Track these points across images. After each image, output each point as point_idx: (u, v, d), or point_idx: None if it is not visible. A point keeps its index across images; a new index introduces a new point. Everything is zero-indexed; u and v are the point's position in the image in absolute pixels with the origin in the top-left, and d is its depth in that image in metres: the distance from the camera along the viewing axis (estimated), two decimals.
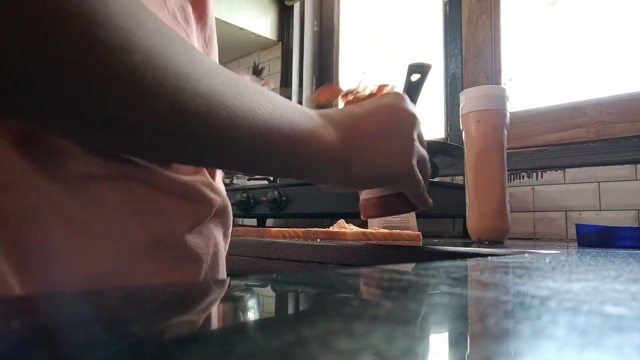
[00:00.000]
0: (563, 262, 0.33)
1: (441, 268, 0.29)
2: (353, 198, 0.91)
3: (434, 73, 1.08)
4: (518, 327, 0.13)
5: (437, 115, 1.39)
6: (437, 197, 1.00)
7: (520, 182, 1.11)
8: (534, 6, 1.25)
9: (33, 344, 0.12)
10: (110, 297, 0.20)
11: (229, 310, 0.20)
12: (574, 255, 0.41)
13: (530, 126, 1.16)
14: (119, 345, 0.12)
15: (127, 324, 0.15)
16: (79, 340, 0.13)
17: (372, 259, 0.48)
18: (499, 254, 0.43)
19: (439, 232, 1.25)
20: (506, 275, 0.26)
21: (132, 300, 0.19)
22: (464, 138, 0.71)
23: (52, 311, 0.17)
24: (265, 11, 1.77)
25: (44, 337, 0.13)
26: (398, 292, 0.21)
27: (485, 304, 0.18)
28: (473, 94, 0.70)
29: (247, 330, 0.16)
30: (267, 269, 0.59)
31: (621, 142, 1.00)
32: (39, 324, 0.15)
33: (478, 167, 0.68)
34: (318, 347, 0.12)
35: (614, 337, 0.12)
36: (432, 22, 1.45)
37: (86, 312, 0.17)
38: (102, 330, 0.14)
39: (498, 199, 0.67)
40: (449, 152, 1.05)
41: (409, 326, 0.14)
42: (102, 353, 0.11)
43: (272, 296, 0.24)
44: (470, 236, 0.69)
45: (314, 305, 0.20)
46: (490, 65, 1.26)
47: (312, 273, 0.30)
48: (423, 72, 0.97)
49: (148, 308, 0.18)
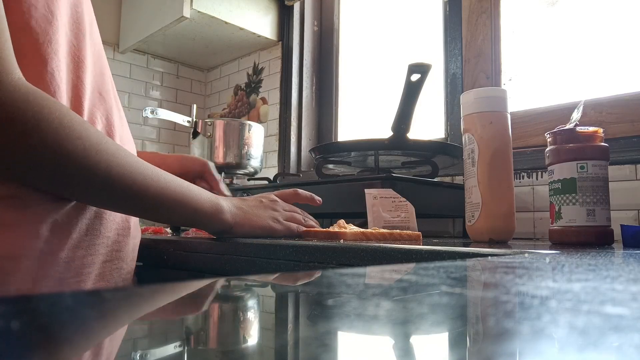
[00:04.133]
0: (563, 262, 0.33)
1: (441, 268, 0.29)
2: (353, 198, 0.91)
3: (434, 73, 1.08)
4: (518, 327, 0.13)
5: (437, 115, 1.39)
6: (437, 197, 1.00)
7: (520, 182, 1.11)
8: (534, 6, 1.25)
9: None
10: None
11: (230, 310, 0.20)
12: (574, 255, 0.41)
13: (530, 126, 1.16)
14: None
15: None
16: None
17: (372, 259, 0.48)
18: (499, 254, 0.43)
19: (439, 232, 1.25)
20: (506, 275, 0.26)
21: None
22: (468, 138, 0.71)
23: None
24: (265, 11, 1.77)
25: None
26: (398, 292, 0.21)
27: (485, 304, 0.18)
28: (484, 94, 0.70)
29: (248, 330, 0.16)
30: (267, 269, 0.59)
31: (621, 142, 1.00)
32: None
33: (492, 168, 0.68)
34: (318, 347, 0.12)
35: (614, 337, 0.12)
36: (432, 22, 1.45)
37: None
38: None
39: (510, 199, 0.68)
40: (449, 152, 1.05)
41: (409, 326, 0.14)
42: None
43: (272, 296, 0.24)
44: (474, 237, 0.70)
45: (314, 305, 0.20)
46: (490, 65, 1.26)
47: (312, 273, 0.30)
48: (423, 72, 0.97)
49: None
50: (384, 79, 1.59)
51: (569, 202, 0.62)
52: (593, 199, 0.61)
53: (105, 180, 0.47)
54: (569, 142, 0.63)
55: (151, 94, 2.00)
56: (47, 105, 0.42)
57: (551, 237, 0.65)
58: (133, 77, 1.95)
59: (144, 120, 1.95)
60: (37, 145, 0.42)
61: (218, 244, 0.65)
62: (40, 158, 0.43)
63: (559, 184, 0.63)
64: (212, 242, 0.66)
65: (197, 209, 0.59)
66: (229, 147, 1.40)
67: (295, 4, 1.75)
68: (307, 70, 1.76)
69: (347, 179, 0.97)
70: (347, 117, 1.72)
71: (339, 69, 1.75)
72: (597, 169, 0.61)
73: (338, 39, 1.77)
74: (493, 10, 1.27)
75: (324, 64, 1.79)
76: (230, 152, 1.40)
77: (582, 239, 0.61)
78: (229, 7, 1.65)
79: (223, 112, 2.05)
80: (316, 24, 1.81)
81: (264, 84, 1.86)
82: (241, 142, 1.41)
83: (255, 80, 1.90)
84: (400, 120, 0.96)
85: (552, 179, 0.64)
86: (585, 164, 0.61)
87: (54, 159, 0.43)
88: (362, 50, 1.70)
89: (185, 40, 1.82)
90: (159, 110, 1.33)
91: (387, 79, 1.57)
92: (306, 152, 1.70)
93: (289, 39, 1.76)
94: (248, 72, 1.94)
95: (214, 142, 1.39)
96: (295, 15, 1.77)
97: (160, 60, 2.02)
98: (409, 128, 0.97)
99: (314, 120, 1.76)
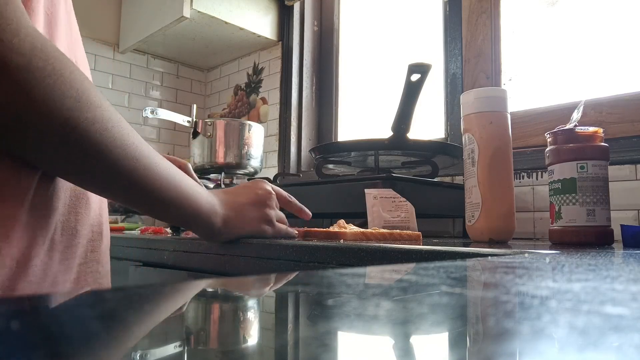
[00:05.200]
0: (563, 262, 0.33)
1: (441, 268, 0.29)
2: (353, 198, 0.91)
3: (434, 73, 1.08)
4: (518, 327, 0.13)
5: (437, 115, 1.39)
6: (437, 197, 1.00)
7: (520, 182, 1.11)
8: (534, 6, 1.25)
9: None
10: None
11: (230, 311, 0.20)
12: (574, 255, 0.41)
13: (530, 126, 1.16)
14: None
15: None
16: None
17: (372, 259, 0.48)
18: (499, 254, 0.43)
19: (439, 232, 1.25)
20: (506, 275, 0.26)
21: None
22: (468, 138, 0.71)
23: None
24: (265, 11, 1.77)
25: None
26: (398, 292, 0.21)
27: (485, 304, 0.18)
28: (484, 94, 0.70)
29: (246, 330, 0.16)
30: (267, 269, 0.59)
31: (621, 142, 1.00)
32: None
33: (492, 168, 0.68)
34: (318, 347, 0.12)
35: (614, 337, 0.12)
36: (432, 22, 1.45)
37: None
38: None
39: (510, 199, 0.68)
40: (449, 152, 1.05)
41: (409, 326, 0.14)
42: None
43: (272, 296, 0.24)
44: (474, 237, 0.70)
45: (314, 305, 0.20)
46: (490, 65, 1.26)
47: (312, 273, 0.30)
48: (423, 72, 0.97)
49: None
50: (384, 79, 1.59)
51: (569, 202, 0.62)
52: (593, 199, 0.61)
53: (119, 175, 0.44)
54: (569, 142, 0.63)
55: (151, 94, 2.00)
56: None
57: (551, 237, 0.65)
58: (133, 77, 1.95)
59: (144, 120, 1.95)
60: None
61: (218, 244, 0.65)
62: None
63: (559, 184, 0.63)
64: (212, 242, 0.66)
65: (196, 209, 0.55)
66: (229, 147, 1.40)
67: (295, 4, 1.75)
68: (307, 70, 1.76)
69: (347, 179, 0.97)
70: (347, 117, 1.72)
71: (339, 69, 1.75)
72: (597, 169, 0.61)
73: (338, 39, 1.77)
74: (493, 10, 1.27)
75: (324, 64, 1.79)
76: (230, 152, 1.40)
77: (582, 239, 0.61)
78: (229, 7, 1.65)
79: (223, 112, 2.05)
80: (316, 24, 1.81)
81: (264, 84, 1.86)
82: (241, 142, 1.41)
83: (255, 80, 1.90)
84: (400, 120, 0.96)
85: (552, 179, 0.64)
86: (585, 164, 0.61)
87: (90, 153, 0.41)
88: (362, 50, 1.70)
89: (185, 40, 1.82)
90: (159, 110, 1.33)
91: (387, 79, 1.57)
92: (306, 152, 1.70)
93: (289, 39, 1.76)
94: (248, 72, 1.94)
95: (214, 142, 1.39)
96: (295, 15, 1.77)
97: (160, 60, 2.02)
98: (409, 128, 0.97)
99: (314, 120, 1.76)
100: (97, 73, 1.85)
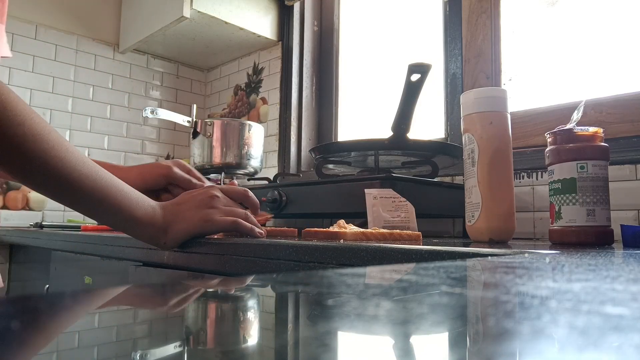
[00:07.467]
0: (563, 262, 0.33)
1: (441, 268, 0.29)
2: (353, 198, 0.91)
3: (434, 73, 1.08)
4: (518, 327, 0.13)
5: (437, 115, 1.39)
6: (437, 197, 1.00)
7: (520, 182, 1.11)
8: (534, 6, 1.25)
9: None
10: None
11: (230, 310, 0.20)
12: (574, 255, 0.41)
13: (530, 126, 1.16)
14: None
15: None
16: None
17: (372, 259, 0.48)
18: (499, 254, 0.43)
19: (439, 232, 1.25)
20: (506, 275, 0.26)
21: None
22: (468, 138, 0.71)
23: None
24: (265, 11, 1.77)
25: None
26: (398, 292, 0.21)
27: (485, 304, 0.18)
28: (484, 94, 0.70)
29: (247, 329, 0.16)
30: (267, 269, 0.59)
31: (621, 142, 1.00)
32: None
33: (492, 168, 0.68)
34: (318, 347, 0.12)
35: (614, 337, 0.12)
36: (432, 22, 1.45)
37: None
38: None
39: (510, 199, 0.68)
40: (449, 152, 1.05)
41: (409, 326, 0.14)
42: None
43: (272, 296, 0.24)
44: (474, 237, 0.70)
45: (314, 305, 0.20)
46: (490, 65, 1.26)
47: (312, 273, 0.30)
48: (423, 72, 0.97)
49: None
50: (384, 79, 1.59)
51: (569, 202, 0.62)
52: (593, 199, 0.61)
53: (41, 170, 0.51)
54: (569, 142, 0.63)
55: (151, 94, 2.00)
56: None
57: (551, 237, 0.65)
58: (133, 77, 1.95)
59: (144, 120, 1.95)
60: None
61: (218, 244, 0.65)
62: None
63: (559, 184, 0.63)
64: (212, 242, 0.66)
65: (132, 212, 0.61)
66: (229, 147, 1.40)
67: (295, 4, 1.75)
68: (307, 70, 1.76)
69: (347, 179, 0.97)
70: (347, 117, 1.72)
71: (339, 69, 1.75)
72: (597, 169, 0.61)
73: (338, 39, 1.77)
74: (493, 10, 1.27)
75: (324, 64, 1.79)
76: (230, 152, 1.40)
77: (582, 239, 0.61)
78: (229, 7, 1.65)
79: (223, 112, 2.05)
80: (316, 24, 1.81)
81: (264, 84, 1.86)
82: (241, 142, 1.41)
83: (255, 80, 1.90)
84: (400, 120, 0.96)
85: (552, 179, 0.64)
86: (585, 164, 0.61)
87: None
88: (362, 50, 1.70)
89: (185, 40, 1.82)
90: (159, 110, 1.33)
91: (387, 79, 1.57)
92: (306, 152, 1.70)
93: (289, 39, 1.76)
94: (248, 72, 1.94)
95: (214, 142, 1.39)
96: (295, 15, 1.77)
97: (160, 60, 2.02)
98: (409, 128, 0.97)
99: (314, 120, 1.76)
100: (97, 73, 1.85)
